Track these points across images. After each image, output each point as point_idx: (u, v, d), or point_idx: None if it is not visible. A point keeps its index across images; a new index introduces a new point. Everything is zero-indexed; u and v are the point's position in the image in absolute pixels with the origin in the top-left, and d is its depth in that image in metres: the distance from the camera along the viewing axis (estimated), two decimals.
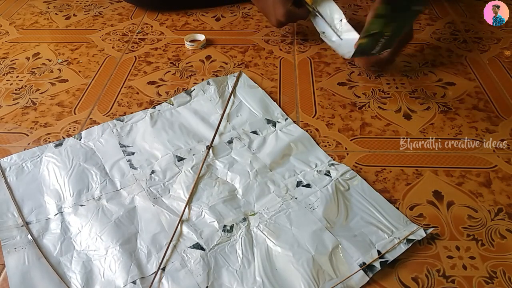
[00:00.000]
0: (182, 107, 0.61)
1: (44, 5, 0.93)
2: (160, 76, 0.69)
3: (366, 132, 0.57)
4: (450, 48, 0.74)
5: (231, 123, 0.58)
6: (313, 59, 0.72)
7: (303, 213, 0.46)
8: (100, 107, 0.63)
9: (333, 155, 0.54)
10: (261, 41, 0.77)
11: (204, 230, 0.45)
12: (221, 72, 0.69)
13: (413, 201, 0.48)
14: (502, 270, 0.41)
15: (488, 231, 0.45)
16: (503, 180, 0.50)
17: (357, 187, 0.49)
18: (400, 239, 0.43)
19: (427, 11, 0.86)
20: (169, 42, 0.78)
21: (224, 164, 0.52)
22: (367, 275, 0.41)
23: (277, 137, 0.56)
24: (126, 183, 0.50)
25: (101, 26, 0.84)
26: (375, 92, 0.64)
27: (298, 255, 0.42)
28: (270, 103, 0.61)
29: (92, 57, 0.74)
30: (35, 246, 0.44)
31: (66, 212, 0.47)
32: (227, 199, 0.48)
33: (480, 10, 0.84)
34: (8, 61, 0.74)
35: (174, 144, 0.55)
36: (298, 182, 0.50)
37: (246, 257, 0.42)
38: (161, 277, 0.41)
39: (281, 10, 0.66)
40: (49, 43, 0.79)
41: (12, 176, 0.51)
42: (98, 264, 0.42)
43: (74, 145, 0.55)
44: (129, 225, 0.46)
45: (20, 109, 0.63)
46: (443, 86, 0.65)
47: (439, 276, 0.41)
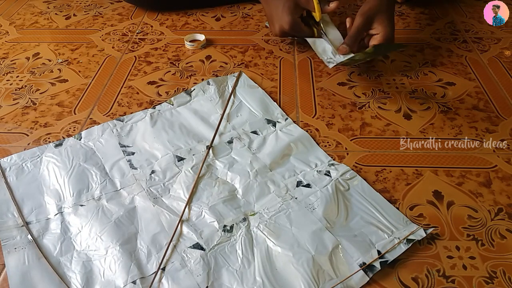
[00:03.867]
0: (182, 107, 0.61)
1: (44, 5, 0.93)
2: (160, 76, 0.69)
3: (366, 132, 0.57)
4: (450, 48, 0.74)
5: (231, 123, 0.58)
6: (313, 59, 0.72)
7: (303, 213, 0.46)
8: (100, 107, 0.63)
9: (333, 155, 0.54)
10: (261, 41, 0.77)
11: (204, 230, 0.45)
12: (221, 72, 0.69)
13: (413, 201, 0.48)
14: (502, 270, 0.41)
15: (488, 231, 0.45)
16: (503, 180, 0.50)
17: (357, 187, 0.49)
18: (400, 239, 0.43)
19: (427, 11, 0.86)
20: (169, 42, 0.78)
21: (224, 164, 0.52)
22: (367, 275, 0.41)
23: (277, 137, 0.56)
24: (126, 183, 0.50)
25: (101, 26, 0.84)
26: (375, 92, 0.64)
27: (298, 255, 0.42)
28: (270, 103, 0.61)
29: (92, 57, 0.74)
30: (35, 246, 0.44)
31: (66, 212, 0.47)
32: (227, 199, 0.48)
33: (480, 10, 0.84)
34: (8, 61, 0.74)
35: (174, 144, 0.55)
36: (298, 182, 0.50)
37: (246, 257, 0.42)
38: (161, 277, 0.41)
39: (288, 18, 0.66)
40: (49, 43, 0.79)
41: (12, 176, 0.51)
42: (98, 264, 0.42)
43: (74, 145, 0.55)
44: (129, 225, 0.46)
45: (20, 109, 0.63)
46: (443, 86, 0.65)
47: (439, 276, 0.41)
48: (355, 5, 0.88)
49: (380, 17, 0.64)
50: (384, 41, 0.63)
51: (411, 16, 0.84)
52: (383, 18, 0.64)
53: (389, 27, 0.64)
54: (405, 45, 0.63)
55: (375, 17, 0.64)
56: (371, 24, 0.64)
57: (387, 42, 0.64)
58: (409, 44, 0.75)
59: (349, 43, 0.64)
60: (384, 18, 0.64)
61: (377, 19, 0.64)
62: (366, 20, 0.64)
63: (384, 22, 0.64)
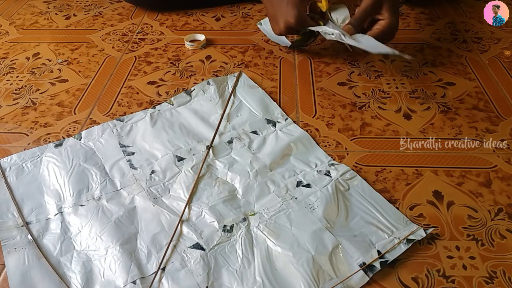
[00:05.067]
0: (182, 107, 0.61)
1: (44, 5, 0.93)
2: (160, 76, 0.69)
3: (366, 132, 0.57)
4: (450, 48, 0.74)
5: (231, 123, 0.58)
6: (313, 59, 0.72)
7: (303, 213, 0.46)
8: (100, 107, 0.63)
9: (333, 155, 0.54)
10: (261, 41, 0.77)
11: (204, 230, 0.45)
12: (221, 72, 0.69)
13: (413, 201, 0.48)
14: (502, 270, 0.41)
15: (488, 231, 0.45)
16: (503, 180, 0.50)
17: (357, 187, 0.49)
18: (400, 239, 0.43)
19: (427, 11, 0.86)
20: (169, 42, 0.78)
21: (224, 164, 0.52)
22: (367, 275, 0.41)
23: (277, 137, 0.56)
24: (126, 183, 0.50)
25: (101, 26, 0.84)
26: (375, 92, 0.64)
27: (298, 255, 0.42)
28: (270, 103, 0.61)
29: (92, 57, 0.74)
30: (35, 246, 0.44)
31: (66, 212, 0.47)
32: (227, 199, 0.48)
33: (480, 10, 0.84)
34: (8, 61, 0.74)
35: (174, 144, 0.55)
36: (298, 182, 0.50)
37: (246, 257, 0.42)
38: (161, 277, 0.41)
39: (293, 12, 0.65)
40: (49, 43, 0.79)
41: (12, 176, 0.51)
42: (98, 264, 0.42)
43: (74, 145, 0.55)
44: (129, 225, 0.46)
45: (20, 109, 0.63)
46: (443, 86, 0.65)
47: (439, 276, 0.41)
48: (354, 4, 0.88)
49: (389, 4, 0.63)
50: (388, 28, 0.63)
51: (411, 16, 0.84)
52: (391, 5, 0.63)
53: (395, 15, 0.64)
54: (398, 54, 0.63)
55: (384, 2, 0.63)
56: (379, 9, 0.64)
57: (391, 30, 0.64)
58: (409, 43, 0.75)
59: (355, 24, 0.64)
60: (392, 5, 0.64)
61: (385, 5, 0.63)
62: (376, 3, 0.63)
63: (391, 10, 0.63)
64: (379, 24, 0.64)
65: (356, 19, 0.64)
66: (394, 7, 0.64)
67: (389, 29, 0.63)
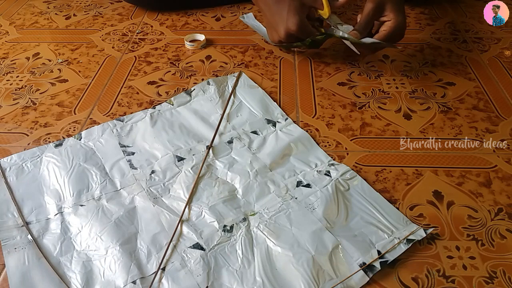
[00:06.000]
0: (182, 107, 0.61)
1: (44, 5, 0.93)
2: (160, 76, 0.69)
3: (366, 132, 0.57)
4: (450, 48, 0.74)
5: (231, 123, 0.58)
6: (313, 59, 0.72)
7: (303, 213, 0.46)
8: (100, 107, 0.63)
9: (333, 155, 0.54)
10: (261, 41, 0.77)
11: (204, 230, 0.45)
12: (221, 72, 0.69)
13: (413, 201, 0.48)
14: (502, 270, 0.41)
15: (488, 231, 0.45)
16: (503, 180, 0.50)
17: (357, 187, 0.49)
18: (400, 239, 0.43)
19: (427, 11, 0.86)
20: (169, 42, 0.78)
21: (224, 164, 0.52)
22: (367, 275, 0.41)
23: (277, 137, 0.56)
24: (126, 183, 0.50)
25: (101, 26, 0.84)
26: (375, 92, 0.64)
27: (298, 255, 0.42)
28: (270, 103, 0.61)
29: (92, 57, 0.74)
30: (35, 246, 0.44)
31: (66, 212, 0.47)
32: (227, 199, 0.48)
33: (480, 10, 0.84)
34: (8, 61, 0.74)
35: (174, 144, 0.55)
36: (298, 182, 0.50)
37: (246, 257, 0.42)
38: (161, 277, 0.41)
39: (294, 19, 0.64)
40: (49, 43, 0.79)
41: (12, 176, 0.51)
42: (98, 264, 0.42)
43: (74, 145, 0.55)
44: (129, 225, 0.46)
45: (20, 109, 0.63)
46: (443, 86, 0.65)
47: (439, 276, 0.41)
48: (355, 5, 0.88)
49: (392, 4, 0.62)
50: (395, 28, 0.62)
51: (411, 16, 0.84)
52: (395, 5, 0.62)
53: (401, 15, 0.63)
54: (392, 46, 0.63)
55: (387, 4, 0.62)
56: (382, 11, 0.63)
57: (399, 30, 0.63)
58: (409, 43, 0.75)
59: (360, 29, 0.63)
60: (395, 5, 0.62)
61: (388, 6, 0.62)
62: (377, 6, 0.62)
63: (395, 9, 0.62)
64: (386, 25, 0.63)
65: (361, 25, 0.64)
66: (398, 7, 0.63)
67: (397, 29, 0.63)
